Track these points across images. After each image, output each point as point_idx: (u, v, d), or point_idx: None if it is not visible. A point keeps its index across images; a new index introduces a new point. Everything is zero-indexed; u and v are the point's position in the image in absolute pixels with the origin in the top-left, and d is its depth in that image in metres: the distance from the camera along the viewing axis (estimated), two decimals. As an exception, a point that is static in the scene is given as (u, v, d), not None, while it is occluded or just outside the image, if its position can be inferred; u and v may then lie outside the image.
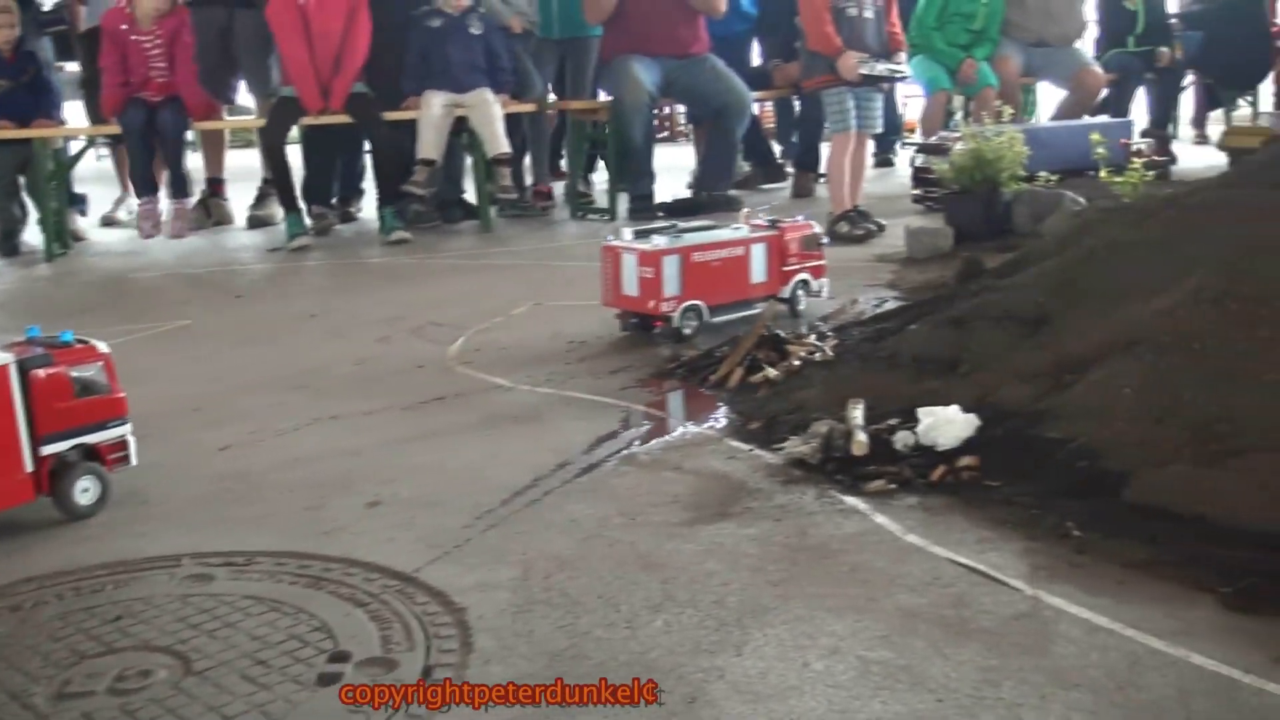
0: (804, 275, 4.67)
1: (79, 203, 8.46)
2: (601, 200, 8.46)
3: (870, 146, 7.18)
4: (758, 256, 4.55)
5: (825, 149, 7.71)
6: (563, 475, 3.01)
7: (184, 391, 4.02)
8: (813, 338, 4.00)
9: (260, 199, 8.50)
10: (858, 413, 3.10)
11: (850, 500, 2.76)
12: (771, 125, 10.66)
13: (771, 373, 3.67)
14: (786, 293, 4.63)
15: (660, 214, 7.90)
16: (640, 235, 4.49)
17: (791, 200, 8.79)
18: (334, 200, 8.38)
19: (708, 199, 8.07)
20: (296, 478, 3.10)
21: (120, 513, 2.90)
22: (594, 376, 3.96)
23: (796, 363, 3.72)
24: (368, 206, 8.43)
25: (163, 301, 5.83)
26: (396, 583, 2.41)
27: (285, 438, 3.47)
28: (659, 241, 4.40)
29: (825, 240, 4.72)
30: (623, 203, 8.17)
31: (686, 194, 8.67)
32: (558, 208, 8.63)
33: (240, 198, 8.76)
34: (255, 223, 8.36)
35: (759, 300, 4.55)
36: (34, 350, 2.86)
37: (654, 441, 3.26)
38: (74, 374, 2.87)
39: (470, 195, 8.28)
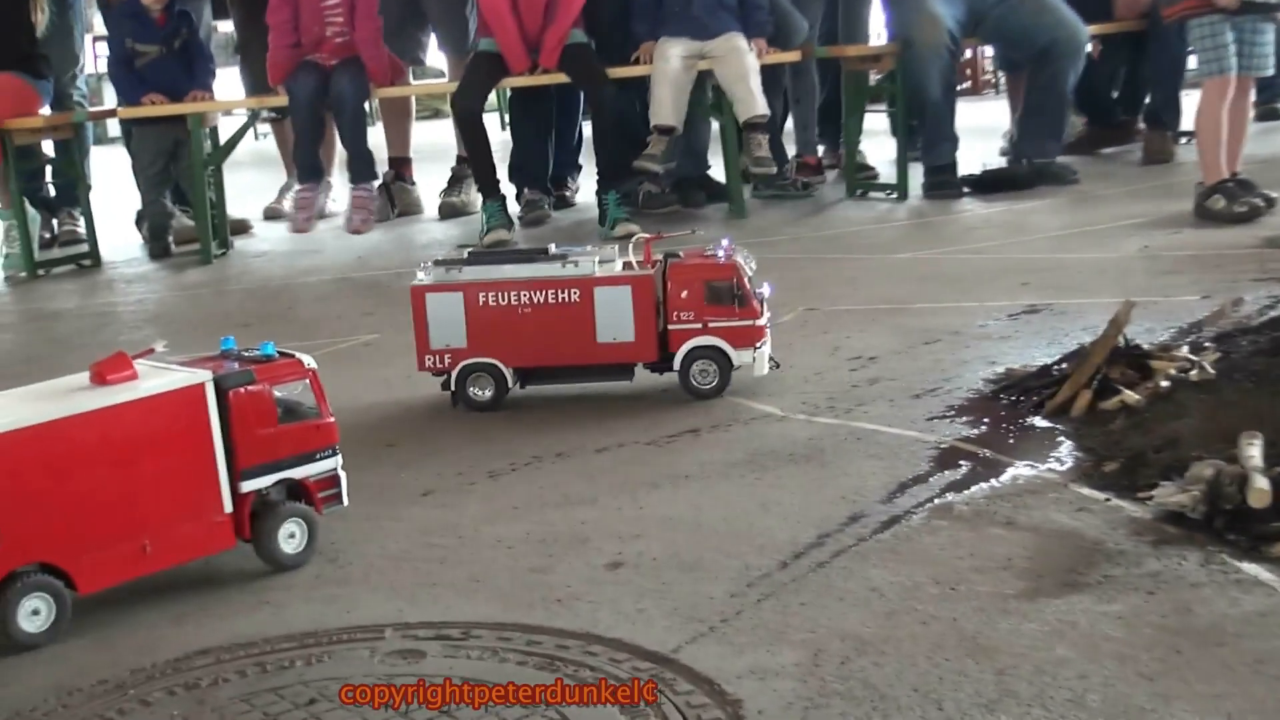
0: (710, 340, 4.13)
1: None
2: (887, 174, 8.43)
3: (1252, 94, 6.93)
4: (610, 305, 4.11)
5: (1191, 99, 7.48)
6: (857, 531, 3.01)
7: (373, 422, 4.21)
8: (1186, 350, 3.89)
9: (454, 182, 8.81)
10: (1255, 450, 2.99)
11: (1249, 568, 2.67)
12: (1112, 69, 10.38)
13: (1131, 397, 3.59)
14: (676, 364, 4.15)
15: (965, 190, 7.82)
16: (442, 265, 4.24)
17: (1143, 167, 8.56)
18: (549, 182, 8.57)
19: (1029, 169, 7.93)
20: (517, 531, 3.19)
21: (306, 572, 3.04)
22: (890, 402, 3.95)
23: (1165, 383, 3.63)
24: (587, 186, 8.61)
25: (341, 312, 6.12)
26: (650, 665, 2.45)
27: (500, 480, 3.59)
28: (433, 274, 4.20)
29: (763, 291, 4.17)
30: (916, 177, 8.11)
31: (1000, 163, 8.56)
32: (829, 185, 8.64)
33: (430, 181, 9.09)
34: (448, 211, 8.67)
35: (614, 369, 4.20)
36: (231, 365, 3.03)
37: (976, 488, 3.23)
38: (278, 394, 3.04)
39: (717, 171, 8.37)
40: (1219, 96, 6.49)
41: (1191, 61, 7.24)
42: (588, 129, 8.21)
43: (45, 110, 7.97)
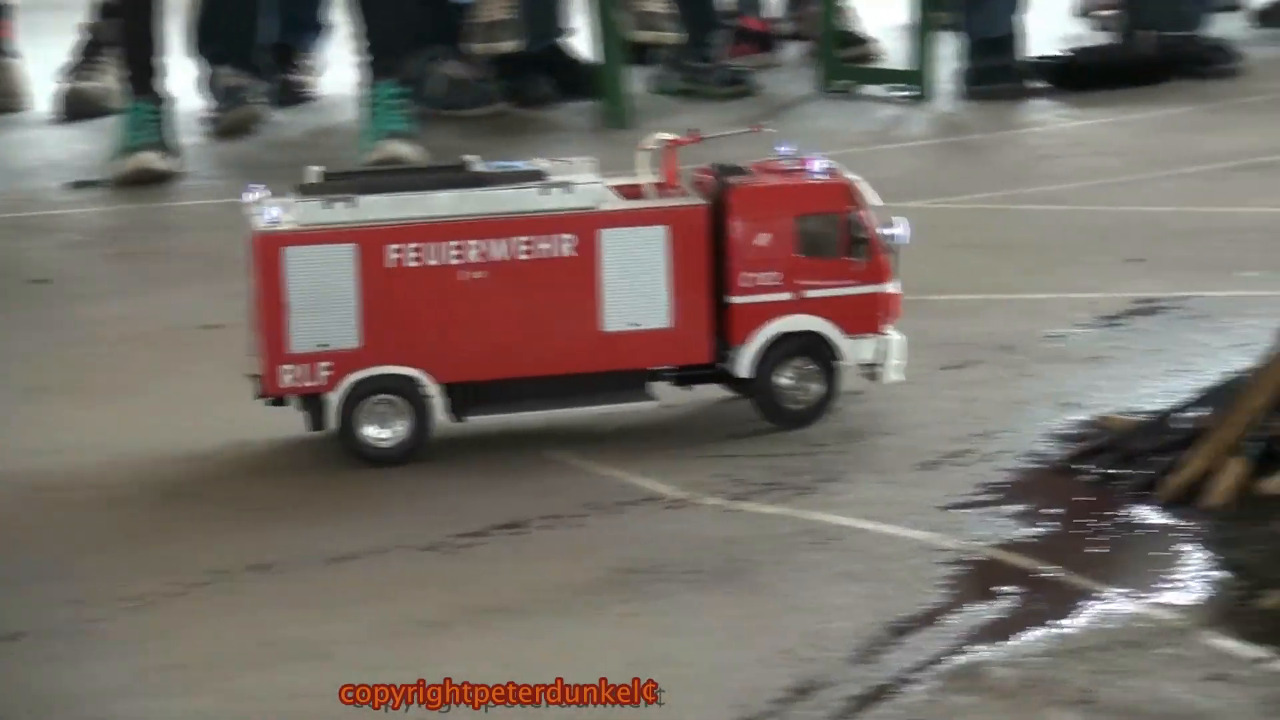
0: (808, 321, 4.25)
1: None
2: (895, 54, 8.55)
3: None
4: (629, 263, 4.19)
5: None
6: (808, 714, 3.02)
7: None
8: None
9: (88, 53, 8.78)
10: None
11: None
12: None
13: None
14: (744, 365, 4.24)
15: (1035, 84, 7.93)
16: (315, 194, 4.23)
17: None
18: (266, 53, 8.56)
19: (1151, 49, 8.06)
20: (183, 710, 3.17)
21: None
22: (881, 476, 4.00)
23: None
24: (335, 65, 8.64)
25: None
26: None
27: (147, 615, 3.55)
28: (300, 211, 4.17)
29: (897, 232, 4.26)
30: (947, 58, 8.21)
31: (1100, 39, 8.68)
32: (788, 70, 8.74)
33: (44, 51, 9.07)
34: (77, 105, 8.69)
35: (624, 382, 4.28)
36: None
37: (1029, 635, 3.25)
38: None
39: (580, 44, 8.42)
40: None
41: None
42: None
43: None
